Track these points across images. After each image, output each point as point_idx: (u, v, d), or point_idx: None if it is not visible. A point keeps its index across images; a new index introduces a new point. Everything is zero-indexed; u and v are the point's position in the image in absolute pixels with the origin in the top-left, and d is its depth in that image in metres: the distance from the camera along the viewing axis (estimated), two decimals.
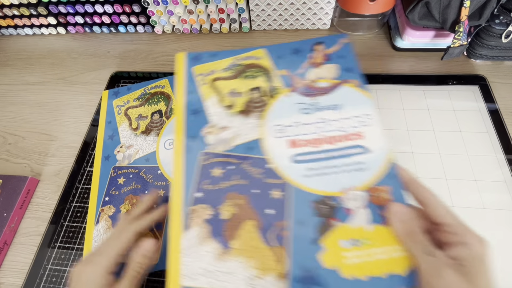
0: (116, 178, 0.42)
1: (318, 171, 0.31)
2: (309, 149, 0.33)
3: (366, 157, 0.31)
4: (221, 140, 0.34)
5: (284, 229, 0.29)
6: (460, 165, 0.40)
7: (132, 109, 0.48)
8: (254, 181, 0.31)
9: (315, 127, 0.34)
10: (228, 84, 0.39)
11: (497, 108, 0.44)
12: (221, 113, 0.37)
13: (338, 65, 0.37)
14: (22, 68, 0.57)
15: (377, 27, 0.55)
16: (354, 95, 0.35)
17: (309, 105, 0.35)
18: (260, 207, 0.30)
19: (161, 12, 0.54)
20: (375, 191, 0.29)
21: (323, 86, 0.36)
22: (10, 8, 0.56)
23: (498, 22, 0.44)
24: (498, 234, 0.35)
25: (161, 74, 0.53)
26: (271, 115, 0.35)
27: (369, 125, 0.33)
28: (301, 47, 0.40)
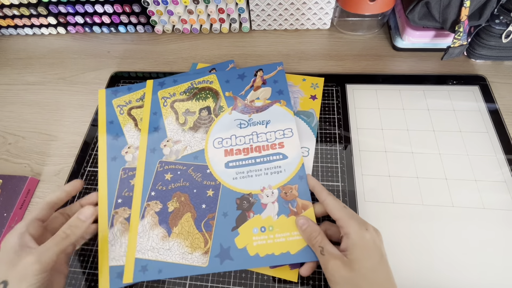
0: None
1: (244, 174, 0.40)
2: (240, 157, 0.41)
3: (284, 162, 0.40)
4: (174, 151, 0.43)
5: (212, 219, 0.37)
6: (460, 165, 0.40)
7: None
8: (195, 183, 0.40)
9: (248, 139, 0.42)
10: (184, 105, 0.47)
11: (497, 108, 0.44)
12: (176, 129, 0.45)
13: (271, 88, 0.46)
14: (22, 68, 0.57)
15: (377, 27, 0.55)
16: (281, 112, 0.44)
17: (245, 121, 0.44)
18: (197, 203, 0.39)
19: (161, 12, 0.54)
20: (286, 189, 0.38)
21: (258, 105, 0.45)
22: (10, 8, 0.56)
23: (498, 22, 0.44)
24: (498, 234, 0.35)
25: (161, 74, 0.53)
26: (215, 130, 0.44)
27: (289, 137, 0.42)
28: (246, 73, 0.48)
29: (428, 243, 0.35)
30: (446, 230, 0.36)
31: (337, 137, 0.43)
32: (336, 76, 0.49)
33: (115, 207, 0.39)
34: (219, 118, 0.45)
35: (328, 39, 0.56)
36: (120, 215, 0.39)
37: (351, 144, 0.42)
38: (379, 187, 0.39)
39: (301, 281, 0.35)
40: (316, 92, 0.47)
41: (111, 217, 0.39)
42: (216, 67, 0.51)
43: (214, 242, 0.36)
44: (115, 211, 0.39)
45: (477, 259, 0.34)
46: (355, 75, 0.50)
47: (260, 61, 0.53)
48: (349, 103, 0.46)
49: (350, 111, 0.45)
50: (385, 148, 0.42)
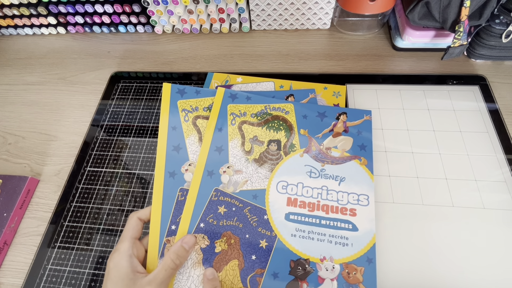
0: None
1: (305, 234, 0.34)
2: (303, 211, 0.35)
3: (353, 235, 0.34)
4: (233, 182, 0.37)
5: (260, 276, 0.32)
6: (460, 165, 0.40)
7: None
8: (249, 227, 0.35)
9: (316, 192, 0.36)
10: (254, 130, 0.41)
11: (497, 108, 0.44)
12: (240, 157, 0.39)
13: (354, 139, 0.40)
14: (22, 68, 0.57)
15: (377, 27, 0.55)
16: (360, 173, 0.38)
17: (317, 171, 0.38)
18: (248, 251, 0.34)
19: (161, 12, 0.54)
20: (350, 269, 0.32)
21: (334, 155, 0.39)
22: (10, 8, 0.56)
23: (498, 22, 0.44)
24: (498, 234, 0.35)
25: (161, 74, 0.53)
26: (281, 170, 0.38)
27: (364, 205, 0.36)
28: (327, 113, 0.42)
29: (428, 243, 0.35)
30: (446, 230, 0.36)
31: None
32: (336, 76, 0.49)
33: (168, 235, 0.34)
34: (289, 157, 0.39)
35: (328, 39, 0.56)
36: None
37: None
38: (379, 187, 0.39)
39: None
40: (339, 101, 0.45)
41: (162, 246, 0.34)
42: (294, 94, 0.44)
43: None
44: (167, 239, 0.34)
45: (477, 259, 0.34)
46: (355, 75, 0.50)
47: (260, 61, 0.53)
48: (349, 103, 0.46)
49: None
50: (385, 148, 0.42)
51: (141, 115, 0.48)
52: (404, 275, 0.34)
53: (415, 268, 0.34)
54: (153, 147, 0.45)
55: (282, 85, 0.47)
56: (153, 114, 0.48)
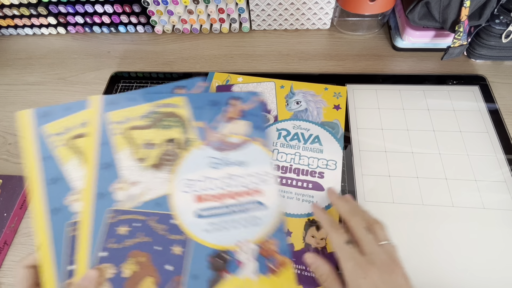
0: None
1: (218, 226, 0.34)
2: (213, 204, 0.35)
3: (262, 213, 0.35)
4: (130, 196, 0.34)
5: (180, 284, 0.31)
6: (460, 165, 0.40)
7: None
8: (158, 238, 0.32)
9: (222, 182, 0.36)
10: (144, 134, 0.37)
11: (497, 108, 0.44)
12: (133, 167, 0.35)
13: (251, 122, 0.40)
14: (22, 68, 0.57)
15: (377, 27, 0.55)
16: (259, 153, 0.38)
17: (219, 160, 0.37)
18: (161, 264, 0.31)
19: (161, 12, 0.54)
20: (265, 244, 0.33)
21: (234, 141, 0.38)
22: (10, 8, 0.56)
23: (498, 22, 0.44)
24: (498, 234, 0.35)
25: (161, 74, 0.53)
26: (182, 169, 0.36)
27: (267, 182, 0.37)
28: (219, 100, 0.41)
29: (428, 243, 0.35)
30: (446, 230, 0.36)
31: None
32: (336, 76, 0.49)
33: (67, 277, 0.31)
34: (187, 153, 0.37)
35: (328, 39, 0.56)
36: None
37: (351, 144, 0.42)
38: (379, 187, 0.39)
39: None
40: (340, 101, 0.45)
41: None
42: (186, 85, 0.42)
43: None
44: (67, 282, 0.30)
45: (477, 259, 0.34)
46: (355, 75, 0.50)
47: (260, 61, 0.53)
48: (349, 103, 0.46)
49: (350, 111, 0.45)
50: (385, 148, 0.42)
51: None
52: None
53: (415, 268, 0.34)
54: None
55: (282, 85, 0.47)
56: None
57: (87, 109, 0.38)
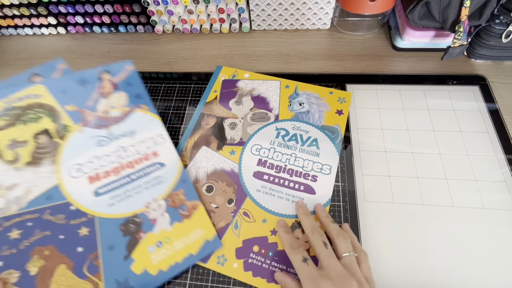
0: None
1: (122, 196, 0.35)
2: (111, 179, 0.36)
3: (163, 171, 0.37)
4: (14, 200, 0.33)
5: (96, 259, 0.32)
6: (460, 165, 0.40)
7: None
8: (58, 228, 0.33)
9: (115, 156, 0.37)
10: (6, 134, 0.35)
11: (497, 108, 0.44)
12: (5, 170, 0.34)
13: (127, 93, 0.40)
14: (22, 68, 0.57)
15: (377, 27, 0.55)
16: (146, 119, 0.40)
17: (104, 137, 0.38)
18: (70, 249, 0.32)
19: (161, 12, 0.54)
20: (173, 197, 0.36)
21: (115, 115, 0.39)
22: (10, 8, 0.56)
23: (498, 22, 0.44)
24: (498, 234, 0.35)
25: (161, 74, 0.53)
26: (66, 157, 0.36)
27: (161, 143, 0.39)
28: (87, 78, 0.40)
29: (428, 243, 0.35)
30: (446, 230, 0.36)
31: None
32: (336, 76, 0.49)
33: None
34: (67, 140, 0.36)
35: (328, 39, 0.56)
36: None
37: (351, 144, 0.42)
38: (379, 187, 0.39)
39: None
40: (343, 107, 0.45)
41: None
42: (40, 73, 0.39)
43: (107, 282, 0.31)
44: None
45: (477, 259, 0.34)
46: (355, 75, 0.50)
47: (260, 61, 0.53)
48: (349, 103, 0.46)
49: (350, 111, 0.45)
50: (385, 148, 0.42)
51: None
52: (404, 275, 0.34)
53: (415, 268, 0.34)
54: None
55: (288, 85, 0.47)
56: None
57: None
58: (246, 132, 0.43)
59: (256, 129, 0.43)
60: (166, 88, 0.50)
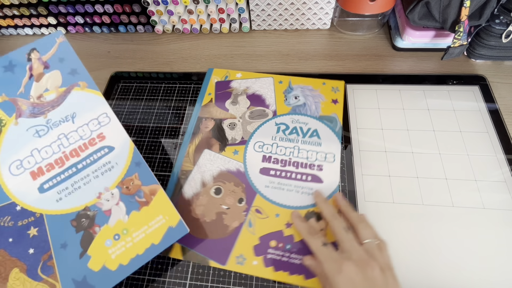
0: None
1: (70, 189, 0.33)
2: (54, 172, 0.33)
3: (112, 155, 0.33)
4: None
5: (50, 259, 0.30)
6: (460, 165, 0.40)
7: None
8: (6, 231, 0.31)
9: (56, 146, 0.33)
10: None
11: (497, 108, 0.44)
12: None
13: (60, 70, 0.35)
14: None
15: (377, 27, 0.55)
16: (86, 97, 0.35)
17: (42, 126, 0.34)
18: (21, 252, 0.31)
19: (161, 12, 0.54)
20: (127, 183, 0.32)
21: (51, 99, 0.34)
22: (10, 8, 0.56)
23: (498, 22, 0.44)
24: (498, 234, 0.35)
25: (161, 74, 0.53)
26: (3, 153, 0.33)
27: (107, 123, 0.34)
28: (14, 61, 0.35)
29: (428, 243, 0.35)
30: (446, 230, 0.36)
31: None
32: (336, 76, 0.49)
33: None
34: (2, 135, 0.34)
35: (328, 39, 0.56)
36: None
37: (351, 144, 0.42)
38: (379, 187, 0.39)
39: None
40: (338, 96, 0.46)
41: None
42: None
43: (63, 282, 0.30)
44: None
45: (477, 259, 0.34)
46: (355, 75, 0.50)
47: (260, 61, 0.53)
48: (349, 103, 0.46)
49: (350, 111, 0.45)
50: (385, 148, 0.42)
51: (141, 115, 0.48)
52: (404, 275, 0.34)
53: (415, 268, 0.34)
54: (153, 147, 0.45)
55: (281, 81, 0.48)
56: (153, 114, 0.48)
57: None
58: (246, 130, 0.44)
59: (256, 127, 0.44)
60: (166, 88, 0.50)
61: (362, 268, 0.28)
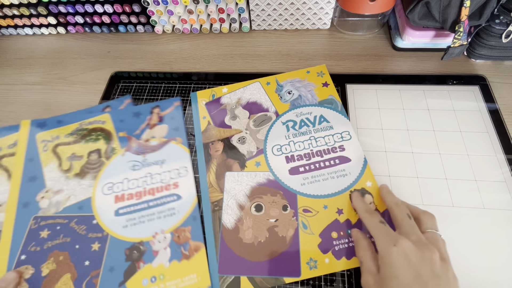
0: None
1: (136, 221, 0.37)
2: (131, 202, 0.38)
3: (178, 204, 0.38)
4: (54, 203, 0.38)
5: (96, 277, 0.33)
6: (460, 165, 0.40)
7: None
8: (78, 237, 0.36)
9: (142, 181, 0.40)
10: (70, 148, 0.42)
11: (497, 108, 0.44)
12: (59, 177, 0.40)
13: (168, 125, 0.44)
14: (22, 68, 0.57)
15: (377, 27, 0.55)
16: (177, 150, 0.42)
17: (139, 162, 0.41)
18: (79, 260, 0.34)
19: (161, 12, 0.54)
20: (179, 232, 0.36)
21: (153, 144, 0.42)
22: (10, 8, 0.56)
23: (498, 22, 0.44)
24: (498, 234, 0.35)
25: (161, 74, 0.53)
26: (105, 175, 0.40)
27: (184, 175, 0.40)
28: (142, 111, 0.46)
29: None
30: (446, 230, 0.36)
31: None
32: (336, 76, 0.49)
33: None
34: (111, 161, 0.41)
35: (328, 39, 0.56)
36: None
37: None
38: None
39: (301, 281, 0.34)
40: (325, 79, 0.47)
41: None
42: (111, 105, 0.47)
43: None
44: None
45: (477, 259, 0.34)
46: (355, 75, 0.50)
47: (260, 61, 0.53)
48: (349, 103, 0.46)
49: (350, 111, 0.45)
50: (385, 148, 0.42)
51: None
52: None
53: None
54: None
55: (268, 82, 0.48)
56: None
57: (17, 132, 0.44)
58: (257, 139, 0.43)
59: (265, 133, 0.43)
60: (166, 88, 0.50)
61: (420, 248, 0.26)
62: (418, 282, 0.24)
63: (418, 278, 0.24)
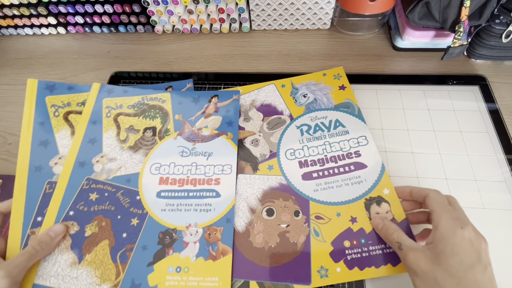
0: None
1: (174, 207, 0.37)
2: (174, 188, 0.38)
3: (215, 201, 0.37)
4: (106, 170, 0.39)
5: (130, 250, 0.35)
6: (460, 165, 0.40)
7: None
8: (121, 208, 0.37)
9: (186, 169, 0.40)
10: (130, 120, 0.43)
11: (497, 108, 0.44)
12: (115, 146, 0.41)
13: (222, 117, 0.43)
14: (22, 68, 0.57)
15: (377, 27, 0.55)
16: (226, 146, 0.41)
17: (188, 150, 0.41)
18: (119, 231, 0.36)
19: (161, 12, 0.54)
20: (211, 230, 0.36)
21: (205, 134, 0.42)
22: (10, 8, 0.56)
23: (498, 22, 0.44)
24: (498, 234, 0.35)
25: (161, 74, 0.53)
26: (155, 154, 0.41)
27: (227, 174, 0.39)
28: (201, 97, 0.45)
29: None
30: None
31: None
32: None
33: (32, 226, 0.35)
34: (163, 141, 0.41)
35: (328, 39, 0.56)
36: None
37: None
38: None
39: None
40: (342, 81, 0.46)
41: (25, 237, 0.35)
42: (173, 85, 0.47)
43: (126, 276, 0.33)
44: (31, 230, 0.35)
45: None
46: (355, 75, 0.50)
47: (260, 61, 0.53)
48: None
49: None
50: (385, 148, 0.42)
51: None
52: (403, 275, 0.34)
53: None
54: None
55: (283, 85, 0.47)
56: None
57: (88, 92, 0.44)
58: (271, 142, 0.42)
59: (279, 136, 0.42)
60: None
61: (478, 240, 0.28)
62: (480, 264, 0.26)
63: (480, 261, 0.26)
